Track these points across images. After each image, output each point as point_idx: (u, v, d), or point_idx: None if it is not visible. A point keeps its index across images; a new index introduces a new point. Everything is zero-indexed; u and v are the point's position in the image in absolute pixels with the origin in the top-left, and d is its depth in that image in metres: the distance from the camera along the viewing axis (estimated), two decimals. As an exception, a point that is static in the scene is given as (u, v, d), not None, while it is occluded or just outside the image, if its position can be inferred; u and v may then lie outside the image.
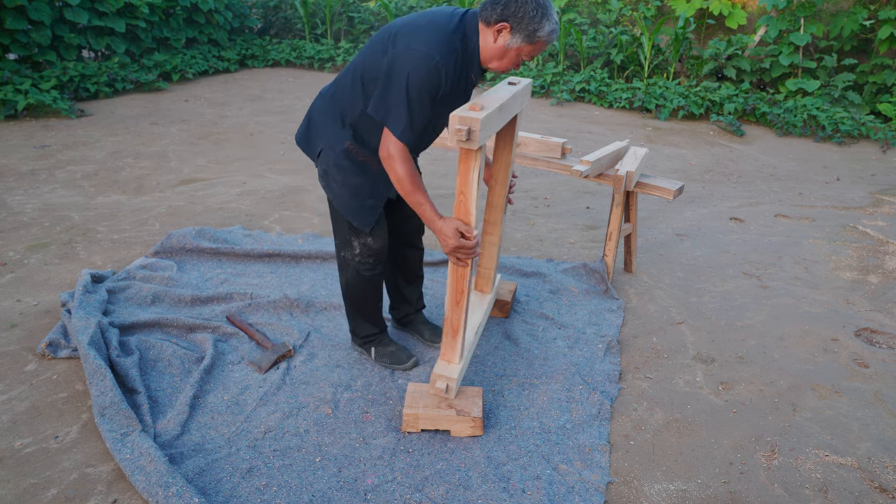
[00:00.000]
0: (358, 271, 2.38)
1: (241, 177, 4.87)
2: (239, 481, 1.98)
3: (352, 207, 2.24)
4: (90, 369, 2.31)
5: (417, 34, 1.92)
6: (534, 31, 1.93)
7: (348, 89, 2.13)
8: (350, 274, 2.41)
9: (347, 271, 2.41)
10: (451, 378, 2.18)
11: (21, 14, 6.34)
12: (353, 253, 2.34)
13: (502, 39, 1.96)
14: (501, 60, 2.02)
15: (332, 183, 2.24)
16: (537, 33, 1.94)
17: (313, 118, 2.26)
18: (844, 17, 7.45)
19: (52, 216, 3.95)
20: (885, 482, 2.07)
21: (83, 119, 6.27)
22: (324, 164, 2.23)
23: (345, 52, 9.20)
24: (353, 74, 2.11)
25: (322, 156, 2.22)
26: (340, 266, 2.44)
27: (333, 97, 2.19)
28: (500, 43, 1.97)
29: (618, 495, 1.99)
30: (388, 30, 2.04)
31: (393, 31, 2.00)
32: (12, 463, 2.04)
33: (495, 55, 2.00)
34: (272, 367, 2.53)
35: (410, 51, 1.89)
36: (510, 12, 1.91)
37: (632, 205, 3.33)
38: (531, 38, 1.95)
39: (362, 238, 2.30)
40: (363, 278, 2.40)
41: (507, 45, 1.97)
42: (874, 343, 2.90)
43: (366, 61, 2.05)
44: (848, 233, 4.19)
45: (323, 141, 2.22)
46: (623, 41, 8.05)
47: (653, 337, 2.88)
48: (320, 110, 2.24)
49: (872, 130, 6.59)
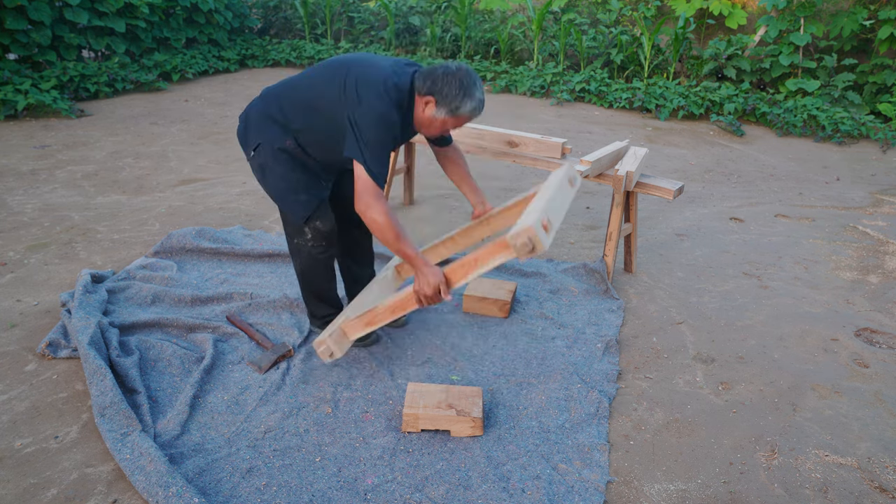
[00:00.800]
0: (311, 255, 2.48)
1: (242, 177, 4.87)
2: (239, 481, 1.98)
3: (288, 201, 2.35)
4: (90, 369, 2.31)
5: (377, 92, 2.10)
6: (456, 108, 2.14)
7: (298, 108, 2.26)
8: (304, 258, 2.51)
9: (301, 257, 2.52)
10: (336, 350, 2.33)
11: (21, 14, 6.34)
12: (306, 239, 2.44)
13: (429, 110, 2.18)
14: (429, 128, 2.25)
15: (269, 176, 2.35)
16: (459, 110, 2.15)
17: (251, 118, 2.37)
18: (844, 17, 7.45)
19: (52, 216, 3.95)
20: (885, 482, 2.07)
21: (83, 119, 6.27)
22: (261, 158, 2.33)
23: (345, 52, 9.20)
24: (304, 95, 2.26)
25: (260, 149, 2.32)
26: (293, 252, 2.54)
27: (280, 107, 2.30)
28: (427, 113, 2.19)
29: (618, 495, 1.99)
30: (342, 67, 2.21)
31: (350, 76, 2.16)
32: (12, 463, 2.04)
33: (423, 122, 2.23)
34: (272, 367, 2.53)
35: (373, 110, 2.09)
36: (437, 88, 2.12)
37: (632, 205, 3.33)
38: (454, 113, 2.16)
39: (311, 223, 2.39)
40: (316, 260, 2.51)
41: (433, 116, 2.18)
42: (874, 343, 2.90)
43: (319, 90, 2.23)
44: (848, 233, 4.19)
45: (262, 137, 2.32)
46: (623, 41, 8.05)
47: (653, 337, 2.89)
48: (262, 113, 2.35)
49: (872, 130, 6.59)
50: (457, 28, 9.17)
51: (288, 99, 2.30)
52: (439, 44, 9.25)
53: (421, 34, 9.54)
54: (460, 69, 2.13)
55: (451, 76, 2.11)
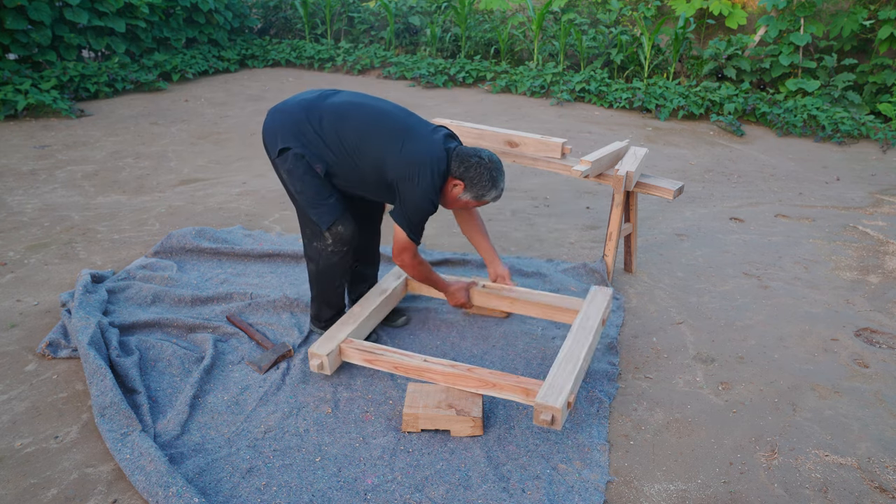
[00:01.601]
0: (329, 259, 2.49)
1: (242, 177, 4.87)
2: (239, 481, 1.98)
3: (314, 204, 2.37)
4: (90, 369, 2.31)
5: (427, 176, 2.26)
6: (481, 196, 2.37)
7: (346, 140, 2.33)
8: (322, 262, 2.52)
9: (319, 260, 2.53)
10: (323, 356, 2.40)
11: (21, 14, 6.34)
12: (326, 243, 2.46)
13: (456, 191, 2.37)
14: (453, 204, 2.45)
15: (296, 182, 2.37)
16: (484, 197, 2.38)
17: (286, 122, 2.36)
18: (844, 17, 7.45)
19: (52, 216, 3.95)
20: (885, 482, 2.07)
21: (83, 119, 6.27)
22: (289, 164, 2.35)
23: (345, 52, 9.20)
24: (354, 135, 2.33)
25: (288, 155, 2.33)
26: (310, 256, 2.55)
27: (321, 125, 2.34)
28: (454, 193, 2.38)
29: (618, 495, 1.99)
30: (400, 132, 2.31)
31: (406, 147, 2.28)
32: (12, 463, 2.04)
33: (449, 199, 2.42)
34: (272, 367, 2.53)
35: (422, 191, 2.27)
36: (468, 175, 2.32)
37: (632, 205, 3.33)
38: (478, 199, 2.39)
39: (334, 227, 2.41)
40: (333, 264, 2.52)
41: (459, 197, 2.39)
42: (874, 343, 2.90)
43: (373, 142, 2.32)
44: (848, 233, 4.19)
45: (292, 143, 2.33)
46: (623, 41, 8.05)
47: (653, 337, 2.89)
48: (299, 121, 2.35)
49: (872, 130, 6.59)
50: (457, 28, 9.17)
51: (332, 124, 2.34)
52: (439, 44, 9.25)
53: (421, 34, 9.54)
54: (492, 160, 2.34)
55: (483, 167, 2.31)
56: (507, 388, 2.20)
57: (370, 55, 9.02)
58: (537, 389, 2.13)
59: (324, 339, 2.45)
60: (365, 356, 2.40)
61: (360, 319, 2.55)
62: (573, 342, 2.35)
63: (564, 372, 2.18)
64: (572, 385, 2.12)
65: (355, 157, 2.33)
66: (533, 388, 2.15)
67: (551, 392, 2.07)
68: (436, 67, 8.59)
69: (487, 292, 2.79)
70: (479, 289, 2.80)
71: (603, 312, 2.57)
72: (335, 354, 2.41)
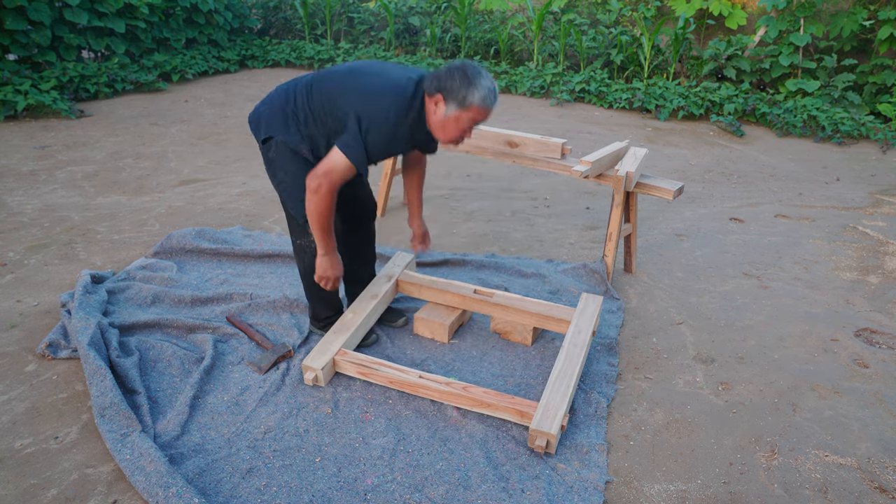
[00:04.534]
0: (314, 256, 2.47)
1: (241, 177, 4.88)
2: (239, 481, 1.98)
3: (294, 199, 2.34)
4: (90, 370, 2.31)
5: (378, 96, 2.13)
6: (464, 98, 2.09)
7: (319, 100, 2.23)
8: (308, 260, 2.51)
9: (305, 258, 2.52)
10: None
11: (21, 14, 6.34)
12: (309, 240, 2.45)
13: (440, 110, 2.14)
14: (444, 131, 2.19)
15: (277, 172, 2.34)
16: (467, 99, 2.09)
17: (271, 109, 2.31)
18: (844, 18, 7.45)
19: (52, 216, 3.95)
20: (885, 482, 2.07)
21: (83, 119, 6.27)
22: (272, 153, 2.32)
23: (345, 52, 9.20)
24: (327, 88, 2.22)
25: (272, 144, 2.30)
26: (297, 253, 2.55)
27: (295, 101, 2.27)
28: (438, 114, 2.15)
29: (618, 495, 1.99)
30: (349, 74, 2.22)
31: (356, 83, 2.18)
32: (12, 463, 2.04)
33: (438, 126, 2.19)
34: (272, 367, 2.53)
35: (372, 110, 2.11)
36: (443, 85, 2.10)
37: (632, 205, 3.33)
38: (463, 104, 2.11)
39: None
40: None
41: (445, 115, 2.14)
42: (874, 343, 2.90)
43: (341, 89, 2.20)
44: (848, 233, 4.19)
45: (274, 131, 2.29)
46: (623, 41, 8.05)
47: (653, 337, 2.89)
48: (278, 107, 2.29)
49: (872, 131, 6.59)
50: (457, 28, 9.17)
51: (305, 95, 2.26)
52: (439, 44, 9.25)
53: (421, 34, 9.54)
54: (464, 63, 2.12)
55: (453, 69, 2.11)
56: (501, 409, 2.22)
57: (370, 56, 9.02)
58: (531, 412, 2.17)
59: (317, 350, 2.44)
60: (359, 369, 2.41)
61: (352, 328, 2.54)
62: (565, 360, 2.38)
63: (558, 394, 2.21)
64: (566, 407, 2.18)
65: (328, 116, 2.22)
66: (527, 411, 2.18)
67: (546, 417, 2.12)
68: (436, 68, 8.59)
69: (479, 299, 2.77)
70: (472, 294, 2.78)
71: (594, 324, 2.60)
72: (329, 367, 2.42)
